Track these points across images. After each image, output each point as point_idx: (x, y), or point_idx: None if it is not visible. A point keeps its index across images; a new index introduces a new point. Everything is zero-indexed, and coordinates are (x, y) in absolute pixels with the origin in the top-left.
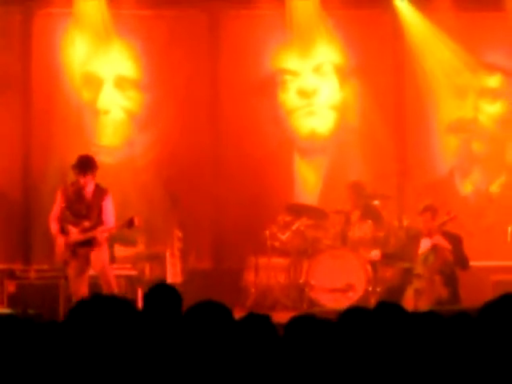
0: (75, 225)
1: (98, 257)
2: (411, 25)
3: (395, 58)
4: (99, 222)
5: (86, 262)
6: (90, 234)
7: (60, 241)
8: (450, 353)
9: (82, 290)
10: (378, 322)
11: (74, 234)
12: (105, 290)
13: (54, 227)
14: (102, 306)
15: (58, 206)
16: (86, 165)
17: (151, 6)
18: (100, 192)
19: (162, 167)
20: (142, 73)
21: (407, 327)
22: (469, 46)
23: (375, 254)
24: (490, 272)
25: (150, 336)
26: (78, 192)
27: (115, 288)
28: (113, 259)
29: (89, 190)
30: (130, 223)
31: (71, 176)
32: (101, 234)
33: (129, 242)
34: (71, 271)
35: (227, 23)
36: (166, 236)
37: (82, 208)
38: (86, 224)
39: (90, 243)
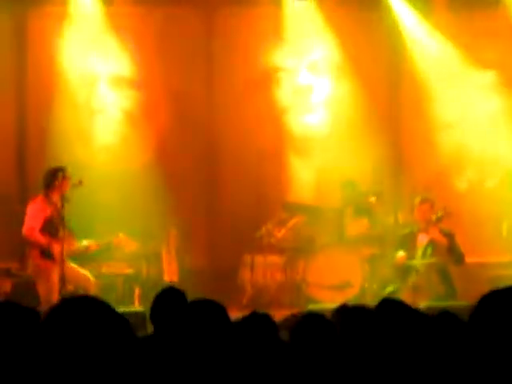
0: (53, 236)
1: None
2: (406, 22)
3: (390, 55)
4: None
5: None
6: (91, 247)
7: (57, 248)
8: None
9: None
10: (381, 320)
11: (71, 243)
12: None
13: (41, 237)
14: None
15: (41, 215)
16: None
17: (145, 3)
18: (62, 203)
19: (158, 166)
20: (137, 71)
21: (413, 324)
22: (463, 43)
23: None
24: (485, 268)
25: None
26: (58, 201)
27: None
28: None
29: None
30: (108, 245)
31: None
32: (96, 246)
33: None
34: (54, 277)
35: (221, 21)
36: (162, 235)
37: (59, 218)
38: (67, 233)
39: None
